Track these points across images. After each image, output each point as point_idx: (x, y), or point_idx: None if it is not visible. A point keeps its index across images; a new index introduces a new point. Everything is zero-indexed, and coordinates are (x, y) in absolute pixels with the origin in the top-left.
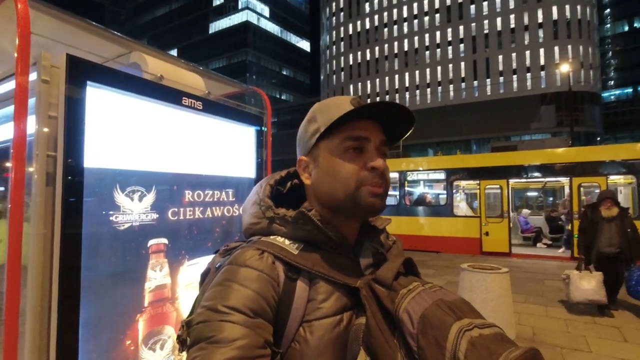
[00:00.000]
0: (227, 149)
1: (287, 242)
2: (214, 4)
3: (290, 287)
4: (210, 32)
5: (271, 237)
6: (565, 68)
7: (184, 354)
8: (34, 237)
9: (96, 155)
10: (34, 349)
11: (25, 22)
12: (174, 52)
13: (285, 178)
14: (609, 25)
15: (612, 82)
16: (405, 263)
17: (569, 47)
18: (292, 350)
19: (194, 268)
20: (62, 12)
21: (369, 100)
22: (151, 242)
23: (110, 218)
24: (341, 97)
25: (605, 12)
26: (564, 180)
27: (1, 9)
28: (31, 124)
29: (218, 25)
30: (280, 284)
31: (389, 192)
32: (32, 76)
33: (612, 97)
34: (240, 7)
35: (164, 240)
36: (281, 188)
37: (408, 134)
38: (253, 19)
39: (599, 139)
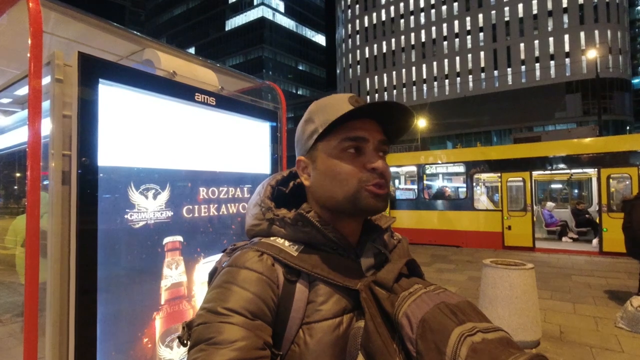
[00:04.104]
0: (241, 145)
1: (287, 243)
2: (229, 1)
3: (290, 289)
4: (226, 29)
5: (271, 238)
6: (592, 54)
7: None
8: (52, 235)
9: (110, 153)
10: (54, 344)
11: (38, 21)
12: (192, 50)
13: (288, 178)
14: (639, 8)
15: None
16: (408, 264)
17: (596, 32)
18: (291, 352)
19: (209, 266)
20: (76, 10)
21: (385, 94)
22: (166, 240)
23: (126, 216)
24: (338, 96)
25: None
26: (592, 171)
27: (14, 9)
28: (47, 124)
29: (234, 22)
30: (279, 286)
31: (408, 186)
32: (47, 77)
33: None
34: (255, 3)
35: (179, 238)
36: (283, 188)
37: (407, 131)
38: (268, 14)
39: (628, 127)
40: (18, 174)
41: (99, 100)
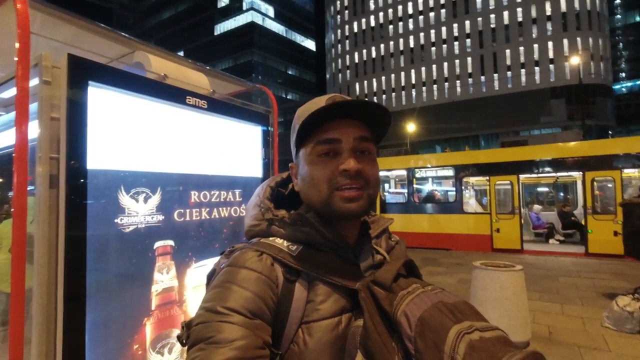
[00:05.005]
0: (233, 149)
1: (286, 243)
2: (219, 6)
3: (289, 289)
4: (216, 33)
5: (270, 238)
6: (575, 60)
7: None
8: (39, 240)
9: (100, 156)
10: (40, 352)
11: (25, 22)
12: (181, 54)
13: (287, 179)
14: (619, 16)
15: (624, 74)
16: (406, 265)
17: (579, 39)
18: (291, 351)
19: (201, 270)
20: (65, 12)
21: (374, 98)
22: (157, 244)
23: (116, 220)
24: (318, 98)
25: (616, 2)
26: (577, 175)
27: (2, 10)
28: (34, 127)
29: (223, 26)
30: (279, 286)
31: (398, 190)
32: (34, 79)
33: (624, 89)
34: (245, 7)
35: (171, 242)
36: (282, 190)
37: (387, 127)
38: (258, 19)
39: (611, 132)
40: (0, 179)
41: (88, 102)
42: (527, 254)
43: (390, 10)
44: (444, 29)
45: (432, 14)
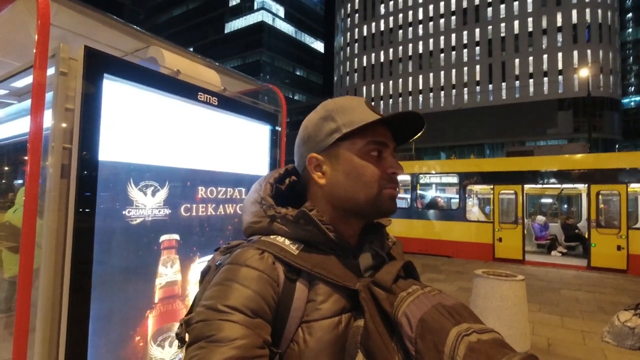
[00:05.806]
0: (241, 147)
1: (287, 242)
2: (229, 4)
3: (290, 288)
4: (225, 32)
5: (271, 236)
6: (584, 73)
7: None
8: (48, 229)
9: (111, 148)
10: (44, 341)
11: (46, 14)
12: None
13: (284, 175)
14: (630, 30)
15: (633, 88)
16: (405, 266)
17: (589, 51)
18: (290, 350)
19: (204, 265)
20: (82, 5)
21: (381, 102)
22: (163, 237)
23: (123, 212)
24: (354, 98)
25: (627, 16)
26: (582, 187)
27: (22, 1)
28: (48, 117)
29: (233, 25)
30: (280, 285)
31: (401, 195)
32: (51, 69)
33: (633, 103)
34: (255, 7)
35: (176, 237)
36: (280, 186)
37: (413, 138)
38: (268, 19)
39: (617, 146)
40: (6, 168)
41: (102, 94)
42: (528, 265)
43: (400, 15)
44: (453, 36)
45: (442, 21)
